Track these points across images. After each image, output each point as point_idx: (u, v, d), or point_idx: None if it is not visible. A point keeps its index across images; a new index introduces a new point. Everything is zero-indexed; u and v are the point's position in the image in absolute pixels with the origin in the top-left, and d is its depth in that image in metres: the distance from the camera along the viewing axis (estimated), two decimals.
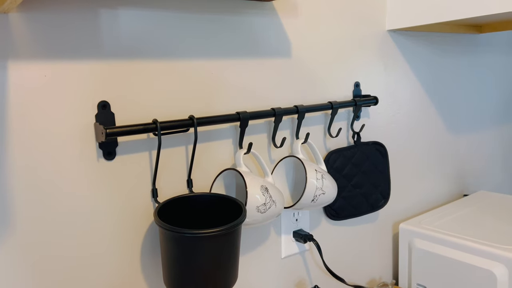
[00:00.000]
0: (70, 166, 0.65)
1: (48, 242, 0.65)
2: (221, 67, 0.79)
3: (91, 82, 0.66)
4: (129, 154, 0.71)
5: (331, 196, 0.87)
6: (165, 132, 0.71)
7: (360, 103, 0.98)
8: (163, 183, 0.75)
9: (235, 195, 0.83)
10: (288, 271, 0.95)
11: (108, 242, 0.70)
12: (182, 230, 0.63)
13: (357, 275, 1.10)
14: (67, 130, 0.64)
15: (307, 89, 0.93)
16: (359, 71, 1.02)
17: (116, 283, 0.72)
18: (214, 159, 0.81)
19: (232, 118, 0.77)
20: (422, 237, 1.07)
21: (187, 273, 0.65)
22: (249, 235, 0.87)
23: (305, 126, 0.94)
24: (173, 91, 0.74)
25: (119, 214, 0.71)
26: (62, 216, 0.65)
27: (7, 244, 0.61)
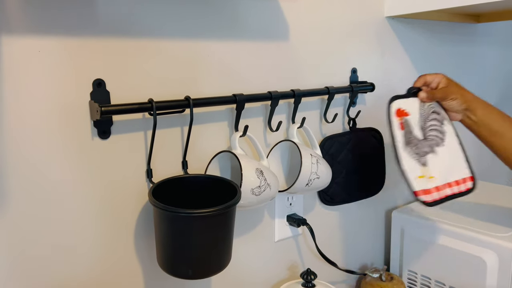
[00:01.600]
0: (64, 144, 0.65)
1: (40, 221, 0.64)
2: (215, 49, 0.79)
3: (86, 59, 0.65)
4: (124, 134, 0.70)
5: (326, 181, 0.88)
6: (160, 112, 0.71)
7: (357, 89, 0.98)
8: (158, 164, 0.75)
9: (230, 178, 0.83)
10: (281, 254, 0.96)
11: (101, 222, 0.70)
12: (176, 210, 0.63)
13: (349, 260, 1.11)
14: (61, 108, 0.64)
15: (304, 74, 0.93)
16: (356, 57, 1.02)
17: (109, 263, 0.72)
18: (210, 141, 0.81)
19: (228, 100, 0.77)
20: (414, 224, 1.08)
21: (180, 253, 0.65)
22: (243, 218, 0.87)
23: (301, 111, 0.94)
24: (166, 72, 0.74)
25: (113, 194, 0.70)
26: (53, 196, 0.65)
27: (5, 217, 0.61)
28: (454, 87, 0.85)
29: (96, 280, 0.71)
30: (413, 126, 0.82)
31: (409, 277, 1.11)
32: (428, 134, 0.83)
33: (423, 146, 0.82)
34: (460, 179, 0.85)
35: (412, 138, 0.81)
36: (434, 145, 0.83)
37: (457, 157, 0.85)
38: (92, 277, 0.70)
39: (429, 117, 0.84)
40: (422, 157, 0.81)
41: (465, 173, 0.85)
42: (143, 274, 0.76)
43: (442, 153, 0.84)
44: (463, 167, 0.85)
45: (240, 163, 0.74)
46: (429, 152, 0.82)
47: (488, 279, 0.94)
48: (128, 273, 0.74)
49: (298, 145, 0.84)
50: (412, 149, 0.81)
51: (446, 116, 0.86)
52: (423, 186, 0.80)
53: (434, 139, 0.84)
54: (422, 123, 0.83)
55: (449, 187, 0.84)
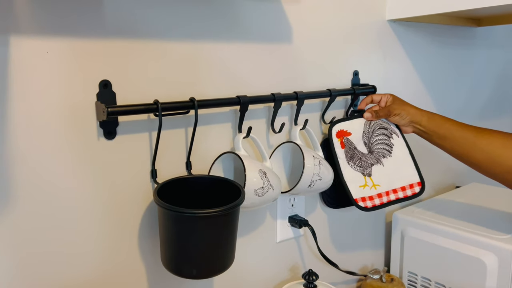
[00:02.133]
0: (70, 145, 0.65)
1: (45, 220, 0.65)
2: (219, 51, 0.79)
3: (93, 61, 0.66)
4: (130, 134, 0.71)
5: (328, 182, 0.89)
6: (166, 113, 0.71)
7: (359, 91, 0.99)
8: (162, 165, 0.75)
9: (233, 179, 0.84)
10: (282, 255, 0.96)
11: (106, 222, 0.71)
12: (181, 210, 0.64)
13: (350, 262, 1.12)
14: (68, 108, 0.65)
15: (306, 76, 0.93)
16: (358, 59, 1.03)
17: (114, 263, 0.72)
18: (213, 142, 0.81)
19: (232, 101, 0.77)
20: (414, 225, 1.09)
21: (184, 252, 0.66)
22: (245, 219, 0.88)
23: (303, 113, 0.94)
24: (172, 73, 0.74)
25: (117, 194, 0.71)
26: (59, 195, 0.66)
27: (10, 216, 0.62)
28: (396, 104, 0.95)
29: (100, 279, 0.71)
30: (356, 143, 0.94)
31: (409, 279, 1.11)
32: (374, 148, 0.95)
33: (368, 159, 0.94)
34: (406, 184, 0.96)
35: (356, 153, 0.93)
36: (381, 157, 0.95)
37: (405, 165, 0.97)
38: (96, 277, 0.71)
39: (374, 133, 0.96)
40: (366, 168, 0.94)
41: (412, 179, 0.97)
42: (147, 274, 0.76)
43: (389, 163, 0.95)
44: (411, 174, 0.97)
45: (244, 164, 0.75)
46: (375, 164, 0.94)
47: (488, 280, 0.95)
48: (132, 272, 0.75)
49: (301, 146, 0.85)
50: (355, 163, 0.93)
51: (395, 130, 0.98)
52: (363, 194, 0.92)
53: (381, 151, 0.96)
54: (367, 139, 0.95)
55: (394, 192, 0.95)
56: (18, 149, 0.61)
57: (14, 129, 0.61)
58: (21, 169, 0.62)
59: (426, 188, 1.29)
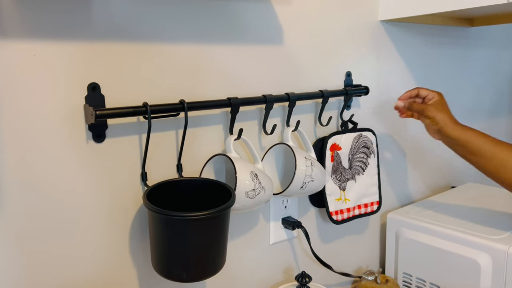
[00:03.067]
0: (58, 148, 0.65)
1: (35, 225, 0.65)
2: (211, 53, 0.79)
3: (81, 64, 0.66)
4: (119, 137, 0.71)
5: (320, 184, 0.88)
6: (155, 116, 0.71)
7: (351, 92, 0.98)
8: (152, 167, 0.75)
9: (225, 181, 0.83)
10: (276, 257, 0.96)
11: (96, 226, 0.70)
12: (170, 213, 0.63)
13: (344, 263, 1.11)
14: (56, 112, 0.64)
15: (298, 78, 0.93)
16: (351, 60, 1.03)
17: (104, 266, 0.72)
18: (204, 144, 0.81)
19: (223, 103, 0.77)
20: (409, 226, 1.09)
21: (174, 256, 0.65)
22: (238, 221, 0.88)
23: (296, 115, 0.94)
24: (163, 75, 0.74)
25: (107, 197, 0.71)
26: (49, 199, 0.65)
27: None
28: (435, 106, 0.90)
29: (90, 282, 0.71)
30: (343, 158, 0.98)
31: (404, 280, 1.11)
32: (353, 164, 1.00)
33: (346, 174, 0.99)
34: (369, 202, 1.04)
35: (339, 167, 0.98)
36: (356, 174, 1.01)
37: (372, 184, 1.04)
38: (86, 279, 0.70)
39: (358, 150, 1.00)
40: (343, 182, 0.99)
41: (374, 198, 1.05)
42: (138, 277, 0.76)
43: (360, 180, 1.02)
44: (374, 193, 1.05)
45: (235, 166, 0.74)
46: (350, 179, 1.00)
47: (482, 281, 0.94)
48: (123, 275, 0.74)
49: (293, 148, 0.84)
50: (336, 176, 0.98)
51: (374, 151, 1.03)
52: (337, 207, 0.98)
53: (357, 168, 1.01)
54: (351, 155, 0.99)
55: (359, 208, 1.03)
56: (8, 153, 0.61)
57: (2, 132, 0.60)
58: (13, 172, 0.61)
59: (421, 188, 1.30)
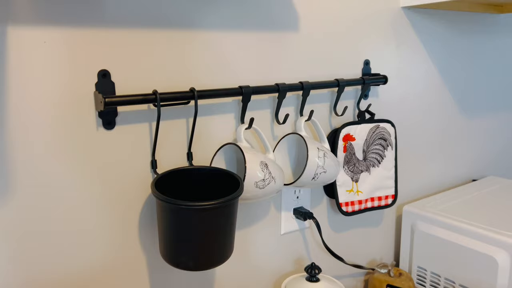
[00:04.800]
0: (69, 134, 0.66)
1: (45, 210, 0.66)
2: (225, 40, 0.78)
3: (91, 50, 0.65)
4: (129, 125, 0.71)
5: (333, 175, 0.87)
6: (164, 104, 0.71)
7: (368, 81, 0.96)
8: (163, 155, 0.75)
9: (235, 170, 0.83)
10: (287, 247, 0.95)
11: (106, 212, 0.71)
12: (177, 202, 0.63)
13: (357, 255, 1.10)
14: (66, 98, 0.64)
15: (314, 66, 0.91)
16: (370, 48, 1.00)
17: (114, 254, 0.73)
18: (215, 133, 0.80)
19: (234, 92, 0.76)
20: (424, 220, 1.06)
21: (181, 245, 0.66)
22: (249, 210, 0.87)
23: (311, 104, 0.93)
24: (174, 63, 0.73)
25: (117, 184, 0.71)
26: (60, 184, 0.66)
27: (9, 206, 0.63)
28: None
29: (100, 269, 0.72)
30: (357, 149, 0.96)
31: (418, 274, 1.09)
32: (368, 156, 0.98)
33: (360, 165, 0.97)
34: (383, 195, 1.02)
35: (353, 158, 0.96)
36: (371, 166, 0.99)
37: (388, 178, 1.01)
38: (96, 267, 0.71)
39: (374, 142, 0.98)
40: (356, 174, 0.97)
41: (389, 192, 1.02)
42: (147, 265, 0.77)
43: (376, 172, 0.99)
44: (389, 187, 1.02)
45: (244, 156, 0.74)
46: (364, 171, 0.98)
47: (499, 278, 0.92)
48: (133, 262, 0.75)
49: (305, 138, 0.83)
50: (349, 167, 0.96)
51: (392, 143, 1.01)
52: (348, 199, 0.96)
53: (372, 160, 0.99)
54: (366, 147, 0.97)
55: (372, 201, 1.00)
56: (18, 139, 0.62)
57: (13, 119, 0.61)
58: (22, 159, 0.62)
59: (441, 180, 1.26)
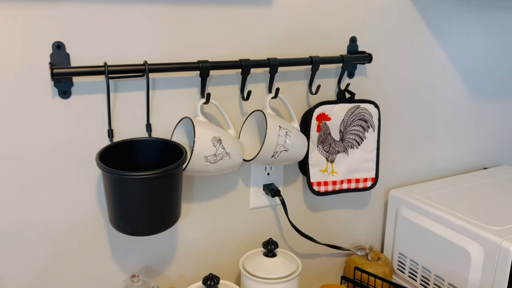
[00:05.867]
0: (25, 103, 0.70)
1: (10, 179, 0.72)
2: (193, 13, 0.78)
3: (46, 22, 0.69)
4: (86, 95, 0.74)
5: (296, 155, 0.86)
6: (114, 76, 0.73)
7: (349, 59, 0.92)
8: (121, 126, 0.78)
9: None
10: (256, 222, 0.97)
11: (65, 181, 0.76)
12: (119, 172, 0.66)
13: (340, 237, 1.09)
14: (22, 68, 0.69)
15: (292, 42, 0.89)
16: (357, 23, 0.95)
17: (77, 214, 0.78)
18: (178, 106, 0.82)
19: (191, 67, 0.77)
20: (408, 206, 1.03)
21: (119, 211, 0.69)
22: (215, 182, 0.89)
23: (287, 81, 0.91)
24: (134, 36, 0.75)
25: (76, 152, 0.76)
26: (19, 154, 0.72)
27: None
28: None
29: (64, 226, 0.78)
30: (332, 129, 0.93)
31: (399, 260, 1.06)
32: (346, 137, 0.95)
33: (337, 146, 0.94)
34: (362, 178, 0.99)
35: (328, 138, 0.93)
36: (348, 147, 0.96)
37: (368, 160, 0.98)
38: (61, 223, 0.77)
39: (353, 123, 0.95)
40: (331, 154, 0.95)
41: (369, 174, 0.99)
42: (105, 223, 0.81)
43: (354, 154, 0.96)
44: (369, 170, 0.99)
45: (195, 129, 0.75)
46: (341, 152, 0.95)
47: (472, 272, 0.88)
48: (93, 222, 0.80)
49: (266, 115, 0.82)
50: (324, 147, 0.93)
51: (374, 125, 0.96)
52: (321, 178, 0.95)
53: (351, 141, 0.96)
54: (343, 127, 0.94)
55: (348, 182, 0.98)
56: None
57: None
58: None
59: (449, 166, 1.20)
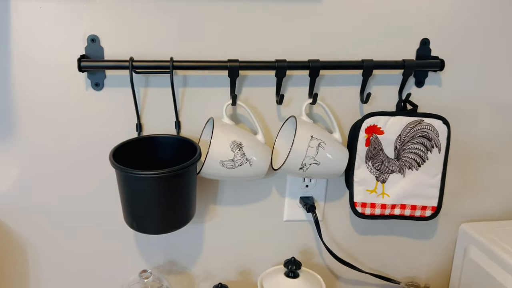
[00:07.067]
0: (61, 92, 0.75)
1: (42, 161, 0.78)
2: (226, 11, 0.74)
3: (83, 16, 0.72)
4: (117, 87, 0.76)
5: (331, 170, 0.77)
6: (140, 71, 0.74)
7: (412, 65, 0.79)
8: (151, 120, 0.79)
9: None
10: (291, 235, 0.90)
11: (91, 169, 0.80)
12: (130, 171, 0.66)
13: (394, 267, 0.95)
14: (59, 60, 0.73)
15: (348, 43, 0.79)
16: (430, 24, 0.80)
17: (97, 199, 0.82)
18: (210, 105, 0.79)
19: (218, 66, 0.73)
20: (479, 246, 0.85)
21: (126, 205, 0.70)
22: (248, 188, 0.85)
23: (338, 86, 0.82)
24: (167, 31, 0.74)
25: (104, 140, 0.78)
26: (55, 136, 0.77)
27: (14, 151, 0.77)
28: None
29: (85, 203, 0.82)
30: (385, 145, 0.81)
31: None
32: (403, 155, 0.82)
33: (391, 165, 0.82)
34: (419, 205, 0.84)
35: (379, 155, 0.82)
36: (405, 167, 0.83)
37: (429, 186, 0.84)
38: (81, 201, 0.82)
39: (412, 140, 0.81)
40: (383, 173, 0.83)
41: (430, 202, 0.84)
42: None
43: (412, 176, 0.83)
44: (431, 197, 0.84)
45: (213, 132, 0.72)
46: (395, 172, 0.83)
47: None
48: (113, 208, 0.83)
49: (298, 123, 0.75)
50: (375, 165, 0.82)
51: (440, 145, 0.82)
52: (367, 199, 0.83)
53: (409, 161, 0.82)
54: (399, 143, 0.81)
55: (402, 208, 0.84)
56: (20, 94, 0.74)
57: (15, 76, 0.73)
58: (22, 109, 0.75)
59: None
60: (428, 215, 0.85)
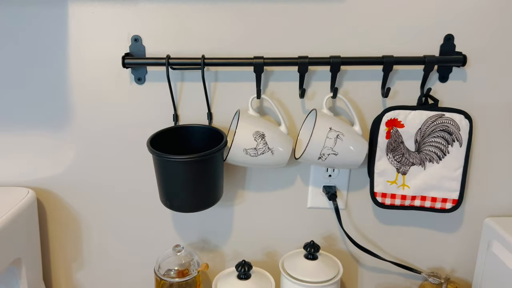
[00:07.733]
0: (109, 86, 0.86)
1: (94, 144, 0.89)
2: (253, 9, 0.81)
3: (127, 19, 0.82)
4: (158, 82, 0.86)
5: (350, 161, 0.81)
6: (177, 68, 0.82)
7: (433, 60, 0.81)
8: (186, 111, 0.87)
9: None
10: (312, 222, 0.95)
11: (133, 153, 0.90)
12: (159, 153, 0.75)
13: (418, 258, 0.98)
14: (107, 57, 0.84)
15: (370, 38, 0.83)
16: (454, 19, 0.82)
17: (139, 178, 0.92)
18: (240, 99, 0.87)
19: (244, 62, 0.80)
20: (501, 241, 0.86)
21: (162, 185, 0.79)
22: (273, 175, 0.92)
23: (360, 81, 0.86)
24: (202, 31, 0.82)
25: (144, 130, 0.88)
26: (104, 124, 0.88)
27: (72, 135, 0.89)
28: None
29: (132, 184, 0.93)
30: (406, 138, 0.84)
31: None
32: (423, 148, 0.85)
33: (411, 157, 0.85)
34: (440, 197, 0.87)
35: (400, 147, 0.85)
36: (426, 160, 0.85)
37: (450, 179, 0.86)
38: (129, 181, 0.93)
39: (433, 133, 0.84)
40: (404, 166, 0.85)
41: (450, 195, 0.87)
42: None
43: (433, 169, 0.85)
44: (451, 190, 0.86)
45: (238, 122, 0.79)
46: (416, 164, 0.85)
47: None
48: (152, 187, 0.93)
49: (318, 115, 0.80)
50: (395, 157, 0.85)
51: (461, 139, 0.84)
52: (387, 190, 0.87)
53: (430, 154, 0.85)
54: (419, 137, 0.84)
55: (422, 200, 0.87)
56: (76, 88, 0.86)
57: (71, 71, 0.85)
58: (79, 101, 0.87)
59: None
60: (449, 208, 0.87)
